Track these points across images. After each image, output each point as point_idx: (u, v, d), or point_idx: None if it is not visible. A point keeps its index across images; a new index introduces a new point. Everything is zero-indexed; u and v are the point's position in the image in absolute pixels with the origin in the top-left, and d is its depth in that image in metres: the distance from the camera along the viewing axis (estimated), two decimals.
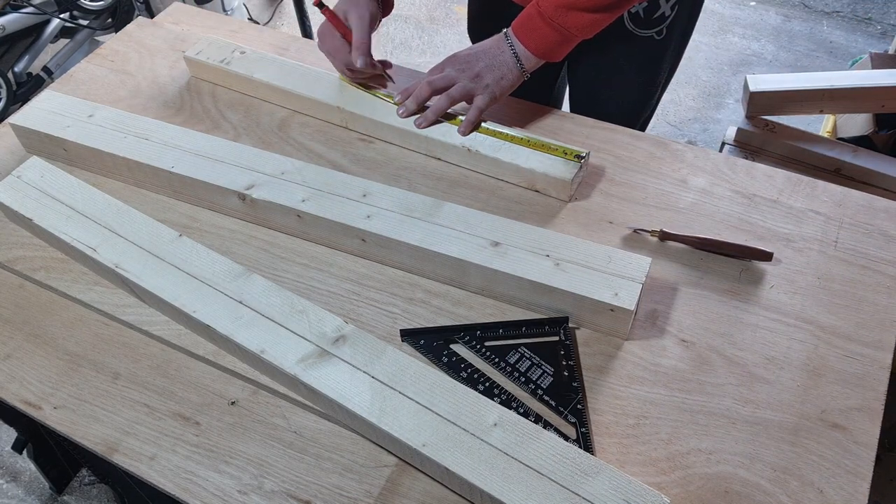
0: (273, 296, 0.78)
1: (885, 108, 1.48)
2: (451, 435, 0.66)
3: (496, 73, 0.95)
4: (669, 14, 1.07)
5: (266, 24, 2.84)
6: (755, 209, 0.92)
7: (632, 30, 1.09)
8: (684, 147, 1.00)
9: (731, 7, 2.90)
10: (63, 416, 0.76)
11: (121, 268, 0.81)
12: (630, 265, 0.79)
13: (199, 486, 0.71)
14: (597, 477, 0.64)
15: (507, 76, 0.95)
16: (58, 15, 2.32)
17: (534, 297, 0.80)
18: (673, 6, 1.07)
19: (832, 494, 0.68)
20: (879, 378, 0.76)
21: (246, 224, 0.93)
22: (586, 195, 0.94)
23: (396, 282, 0.86)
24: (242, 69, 1.08)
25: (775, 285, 0.84)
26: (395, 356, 0.72)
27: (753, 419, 0.73)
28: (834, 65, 2.62)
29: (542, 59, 0.95)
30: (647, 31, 1.09)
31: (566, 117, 1.05)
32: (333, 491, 0.70)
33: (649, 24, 1.08)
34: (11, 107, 2.28)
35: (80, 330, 0.84)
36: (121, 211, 0.87)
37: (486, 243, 0.82)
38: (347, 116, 1.03)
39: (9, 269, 0.90)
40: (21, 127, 1.00)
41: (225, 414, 0.76)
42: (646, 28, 1.09)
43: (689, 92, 2.57)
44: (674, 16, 1.08)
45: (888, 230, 0.89)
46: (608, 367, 0.77)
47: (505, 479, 0.64)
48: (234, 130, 1.05)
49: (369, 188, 0.89)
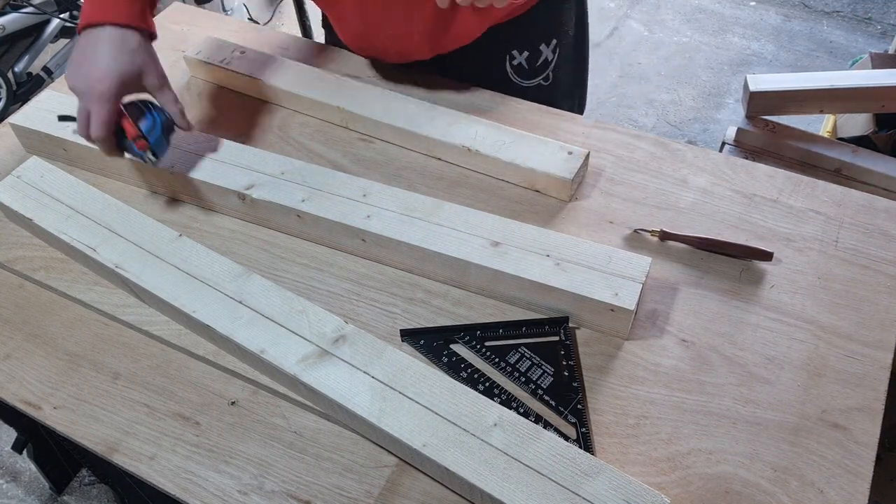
0: (273, 296, 0.78)
1: (885, 108, 1.48)
2: (451, 435, 0.66)
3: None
4: (552, 58, 1.06)
5: (266, 24, 2.84)
6: (755, 209, 0.92)
7: (518, 82, 1.08)
8: (684, 147, 1.00)
9: (731, 7, 2.91)
10: (63, 416, 0.76)
11: (121, 268, 0.81)
12: (630, 265, 0.79)
13: (199, 486, 0.71)
14: (597, 477, 0.64)
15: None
16: (58, 15, 2.32)
17: (534, 297, 0.80)
18: (554, 49, 1.05)
19: (832, 494, 0.68)
20: (880, 378, 0.76)
21: (246, 224, 0.93)
22: (586, 195, 0.94)
23: (396, 282, 0.86)
24: (242, 69, 1.08)
25: (775, 285, 0.84)
26: (395, 356, 0.72)
27: (753, 419, 0.73)
28: (834, 65, 2.62)
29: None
30: (534, 80, 1.08)
31: (566, 117, 1.05)
32: (333, 491, 0.70)
33: (534, 73, 1.07)
34: (11, 107, 2.28)
35: (80, 330, 0.84)
36: (121, 211, 0.87)
37: (486, 243, 0.82)
38: (347, 116, 1.03)
39: (9, 269, 0.90)
40: (21, 127, 1.00)
41: (225, 414, 0.76)
42: (531, 77, 1.08)
43: (689, 92, 2.57)
44: (556, 58, 1.06)
45: (888, 230, 0.89)
46: (608, 367, 0.77)
47: (505, 479, 0.64)
48: (234, 130, 1.05)
49: (369, 188, 0.89)
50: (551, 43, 1.05)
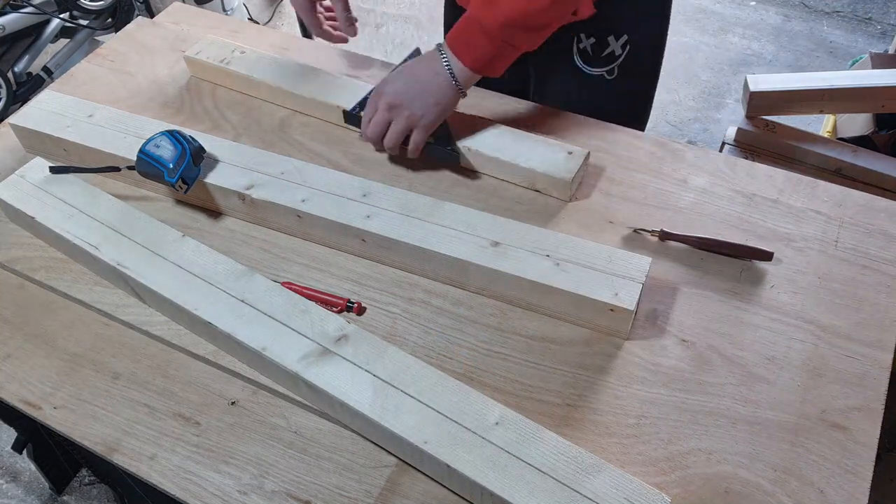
0: (275, 295, 0.78)
1: (885, 108, 1.48)
2: (453, 433, 0.66)
3: (429, 99, 0.90)
4: (620, 53, 1.06)
5: (266, 24, 2.84)
6: (755, 209, 0.92)
7: (581, 66, 1.08)
8: (684, 147, 1.00)
9: (731, 7, 2.91)
10: (63, 416, 0.76)
11: (122, 265, 0.81)
12: (630, 265, 0.79)
13: (199, 486, 0.71)
14: (598, 475, 0.64)
15: (441, 101, 0.90)
16: (58, 15, 2.32)
17: (534, 297, 0.80)
18: (623, 45, 1.05)
19: (832, 494, 0.68)
20: (879, 378, 0.76)
21: (246, 224, 0.93)
22: (586, 195, 0.94)
23: (396, 282, 0.86)
24: (242, 69, 1.08)
25: (775, 285, 0.84)
26: (398, 355, 0.72)
27: (753, 419, 0.73)
28: (834, 65, 2.62)
29: (479, 73, 0.90)
30: (598, 69, 1.08)
31: (566, 117, 1.05)
32: (333, 491, 0.70)
33: (598, 63, 1.07)
34: (11, 107, 2.28)
35: (80, 330, 0.84)
36: (123, 211, 0.87)
37: (486, 243, 0.82)
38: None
39: (9, 269, 0.90)
40: (21, 127, 1.00)
41: (225, 414, 0.76)
42: (595, 66, 1.07)
43: (689, 92, 2.57)
44: (625, 56, 1.06)
45: (888, 230, 0.89)
46: (608, 367, 0.77)
47: (507, 476, 0.64)
48: (234, 130, 1.05)
49: (369, 188, 0.89)
50: (621, 38, 1.04)
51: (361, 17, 2.85)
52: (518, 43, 0.88)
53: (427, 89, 0.90)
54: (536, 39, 0.89)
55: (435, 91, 0.90)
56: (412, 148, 0.93)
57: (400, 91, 0.91)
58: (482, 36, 0.87)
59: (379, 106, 0.92)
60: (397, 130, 0.92)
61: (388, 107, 0.91)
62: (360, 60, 1.15)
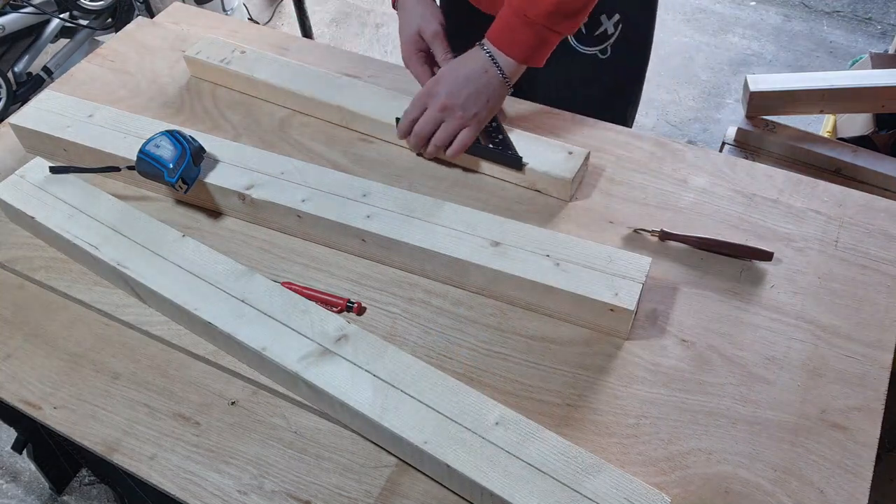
0: (275, 295, 0.78)
1: (885, 108, 1.48)
2: (453, 433, 0.66)
3: (482, 98, 0.92)
4: (613, 32, 1.07)
5: (266, 24, 2.84)
6: (755, 209, 0.92)
7: (574, 46, 1.09)
8: (684, 147, 1.00)
9: (731, 7, 2.91)
10: (63, 416, 0.76)
11: (122, 265, 0.81)
12: (630, 265, 0.79)
13: (199, 486, 0.71)
14: (598, 475, 0.64)
15: (492, 97, 0.92)
16: (58, 15, 2.32)
17: (534, 297, 0.80)
18: (616, 24, 1.06)
19: (832, 494, 0.68)
20: (879, 378, 0.76)
21: (246, 224, 0.93)
22: (586, 195, 0.94)
23: (396, 282, 0.86)
24: (242, 69, 1.08)
25: (776, 285, 0.84)
26: (397, 355, 0.73)
27: (753, 419, 0.73)
28: (834, 65, 2.62)
29: (525, 64, 0.92)
30: (590, 48, 1.08)
31: (566, 117, 1.05)
32: (333, 491, 0.70)
33: (591, 42, 1.08)
34: (11, 107, 2.28)
35: (80, 330, 0.84)
36: (123, 210, 0.87)
37: (486, 243, 0.82)
38: (347, 116, 1.03)
39: (9, 269, 0.90)
40: (21, 127, 1.00)
41: (225, 414, 0.76)
42: (588, 45, 1.08)
43: (689, 92, 2.57)
44: (618, 35, 1.07)
45: (888, 230, 0.89)
46: (608, 367, 0.77)
47: (507, 476, 0.64)
48: (234, 130, 1.05)
49: (369, 188, 0.89)
50: (613, 16, 1.06)
51: (361, 17, 2.85)
52: (562, 29, 0.90)
53: (478, 88, 0.92)
54: (578, 23, 0.91)
55: (485, 89, 0.92)
56: (458, 147, 0.94)
57: (453, 91, 0.92)
58: (527, 28, 0.89)
59: (430, 105, 0.93)
60: (448, 130, 0.93)
61: (442, 107, 0.92)
62: (360, 60, 1.15)
